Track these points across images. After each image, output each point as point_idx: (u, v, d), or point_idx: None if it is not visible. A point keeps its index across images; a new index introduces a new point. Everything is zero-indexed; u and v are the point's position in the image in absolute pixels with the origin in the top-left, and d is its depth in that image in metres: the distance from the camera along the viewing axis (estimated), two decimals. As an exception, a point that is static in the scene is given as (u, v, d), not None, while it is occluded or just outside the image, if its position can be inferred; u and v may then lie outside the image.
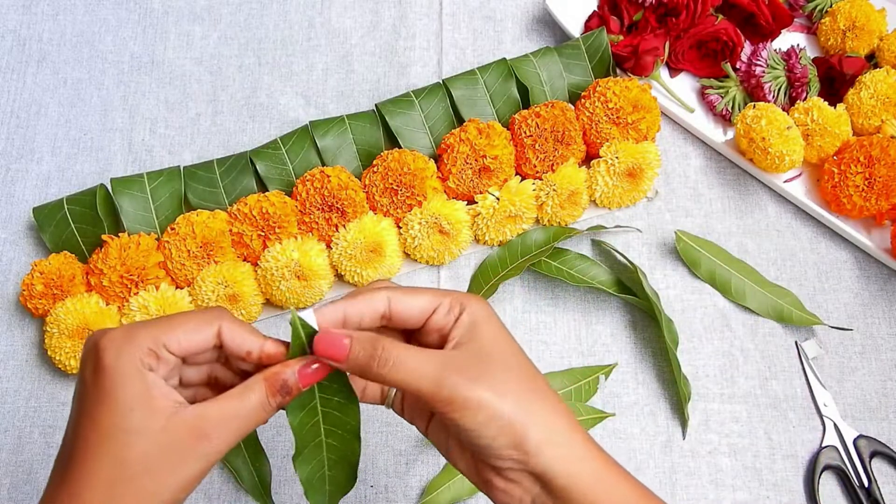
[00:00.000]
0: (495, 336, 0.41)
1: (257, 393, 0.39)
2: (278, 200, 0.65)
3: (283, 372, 0.39)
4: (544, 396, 0.40)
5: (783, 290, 0.67)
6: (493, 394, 0.38)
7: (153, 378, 0.38)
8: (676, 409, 0.64)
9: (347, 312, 0.41)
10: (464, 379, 0.38)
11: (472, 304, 0.41)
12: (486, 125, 0.67)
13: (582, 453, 0.39)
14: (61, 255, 0.65)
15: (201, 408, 0.38)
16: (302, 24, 0.79)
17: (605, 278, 0.67)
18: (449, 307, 0.41)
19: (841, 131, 0.68)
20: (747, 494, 0.61)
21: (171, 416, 0.37)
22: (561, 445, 0.38)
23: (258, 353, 0.40)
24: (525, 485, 0.39)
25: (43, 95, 0.76)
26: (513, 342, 0.42)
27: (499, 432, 0.38)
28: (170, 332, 0.39)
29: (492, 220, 0.67)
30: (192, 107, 0.76)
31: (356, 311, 0.41)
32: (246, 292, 0.64)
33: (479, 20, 0.79)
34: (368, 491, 0.62)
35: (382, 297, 0.41)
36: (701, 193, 0.72)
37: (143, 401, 0.37)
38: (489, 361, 0.39)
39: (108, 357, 0.37)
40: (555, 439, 0.38)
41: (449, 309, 0.41)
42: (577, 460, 0.39)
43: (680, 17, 0.72)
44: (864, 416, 0.64)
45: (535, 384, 0.40)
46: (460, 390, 0.38)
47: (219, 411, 0.38)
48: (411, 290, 0.42)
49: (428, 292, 0.42)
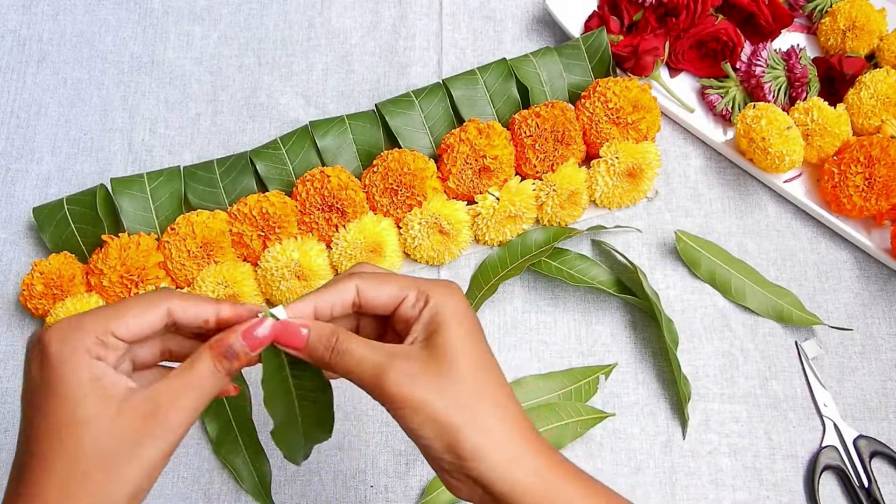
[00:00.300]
0: (453, 333, 0.40)
1: (204, 361, 0.38)
2: (278, 200, 0.65)
3: (228, 337, 0.39)
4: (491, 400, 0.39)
5: (783, 290, 0.67)
6: (433, 395, 0.38)
7: (102, 366, 0.37)
8: (676, 409, 0.64)
9: (318, 304, 0.41)
10: (405, 377, 0.38)
11: (438, 297, 0.41)
12: (486, 125, 0.67)
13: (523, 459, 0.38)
14: (61, 256, 0.65)
15: (152, 388, 0.38)
16: (302, 24, 0.79)
17: (605, 278, 0.67)
18: (415, 299, 0.41)
19: (841, 131, 0.68)
20: (747, 494, 0.61)
21: (123, 400, 0.37)
22: (500, 451, 0.38)
23: (215, 318, 0.40)
24: (468, 486, 0.39)
25: (43, 95, 0.76)
26: (472, 339, 0.40)
27: (435, 435, 0.38)
28: (117, 319, 0.38)
29: (492, 220, 0.67)
30: (192, 107, 0.76)
31: (326, 303, 0.41)
32: (246, 292, 0.64)
33: (479, 20, 0.79)
34: (368, 491, 0.62)
35: (351, 286, 0.41)
36: (701, 193, 0.72)
37: (93, 389, 0.36)
38: (439, 361, 0.39)
39: (52, 348, 0.36)
40: (494, 445, 0.38)
41: (414, 301, 0.41)
42: (517, 466, 0.38)
43: (680, 17, 0.72)
44: (864, 416, 0.64)
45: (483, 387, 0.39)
46: (400, 388, 0.38)
47: (169, 387, 0.38)
48: (382, 277, 0.42)
49: (397, 281, 0.42)
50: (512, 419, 0.39)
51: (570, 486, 0.38)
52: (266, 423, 0.60)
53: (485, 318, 0.67)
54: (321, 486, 0.62)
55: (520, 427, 0.39)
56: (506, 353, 0.66)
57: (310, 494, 0.62)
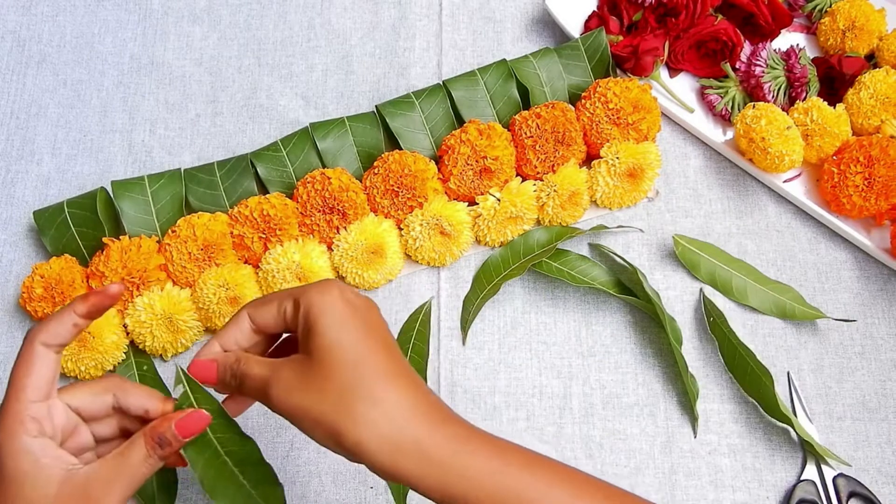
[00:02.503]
0: (325, 329, 0.41)
1: (138, 448, 0.41)
2: (279, 202, 0.65)
3: (161, 425, 0.42)
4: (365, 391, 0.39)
5: (784, 286, 0.67)
6: (313, 400, 0.39)
7: (42, 445, 0.40)
8: (677, 410, 0.64)
9: (221, 342, 0.44)
10: (285, 388, 0.40)
11: (307, 298, 0.42)
12: (487, 126, 0.67)
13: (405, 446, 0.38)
14: (62, 259, 0.65)
15: (90, 469, 0.41)
16: (302, 25, 0.79)
17: (606, 279, 0.67)
18: (291, 309, 0.42)
19: (840, 131, 0.69)
20: (747, 495, 0.62)
21: (62, 482, 0.40)
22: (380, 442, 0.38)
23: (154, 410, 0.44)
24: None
25: (43, 96, 0.76)
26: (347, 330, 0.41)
27: (324, 437, 0.39)
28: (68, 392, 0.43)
29: (493, 221, 0.67)
30: (191, 108, 0.76)
31: (229, 339, 0.44)
32: (247, 294, 0.64)
33: (479, 21, 0.79)
34: (368, 492, 0.62)
35: (243, 315, 0.44)
36: (701, 194, 0.72)
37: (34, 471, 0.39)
38: (315, 363, 0.40)
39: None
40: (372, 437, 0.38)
41: (292, 311, 0.42)
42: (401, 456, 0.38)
43: (679, 17, 0.72)
44: (864, 417, 0.64)
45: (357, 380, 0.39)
46: (282, 400, 0.40)
47: (104, 471, 0.41)
48: (265, 298, 0.44)
49: (277, 297, 0.44)
50: (392, 406, 0.39)
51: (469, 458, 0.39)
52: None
53: (486, 318, 0.67)
54: (321, 486, 0.62)
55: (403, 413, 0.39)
56: (506, 353, 0.66)
57: (310, 495, 0.62)
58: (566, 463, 0.42)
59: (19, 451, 0.39)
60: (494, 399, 0.65)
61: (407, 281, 0.69)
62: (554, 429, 0.64)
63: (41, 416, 0.41)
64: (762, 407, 0.62)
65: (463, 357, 0.66)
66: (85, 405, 0.43)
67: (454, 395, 0.65)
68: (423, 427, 0.39)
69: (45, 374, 0.41)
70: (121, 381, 0.44)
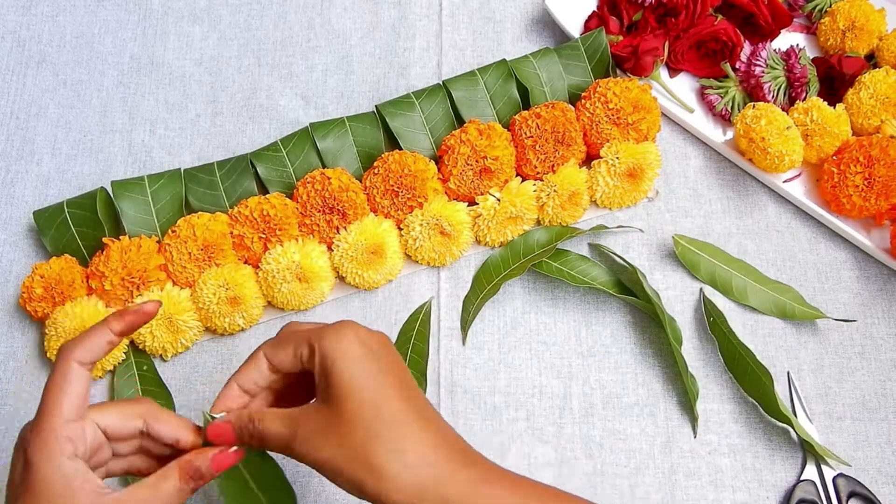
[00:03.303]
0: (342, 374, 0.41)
1: (172, 480, 0.42)
2: (279, 202, 0.65)
3: (196, 459, 0.43)
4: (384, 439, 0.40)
5: (784, 286, 0.67)
6: (334, 450, 0.40)
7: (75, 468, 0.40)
8: (677, 410, 0.64)
9: (239, 383, 0.45)
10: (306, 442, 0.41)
11: (324, 342, 0.42)
12: (487, 126, 0.67)
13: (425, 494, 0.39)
14: (62, 259, 0.65)
15: (120, 496, 0.41)
16: (302, 25, 0.79)
17: (606, 279, 0.67)
18: (307, 353, 0.43)
19: (840, 131, 0.69)
20: (747, 495, 0.62)
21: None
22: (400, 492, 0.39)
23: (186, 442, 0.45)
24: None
25: (42, 96, 0.76)
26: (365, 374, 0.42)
27: (346, 484, 0.40)
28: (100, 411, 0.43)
29: (493, 221, 0.67)
30: (191, 108, 0.76)
31: (247, 380, 0.45)
32: (247, 294, 0.64)
33: (479, 21, 0.79)
34: (370, 492, 0.62)
35: (260, 355, 0.45)
36: (701, 194, 0.72)
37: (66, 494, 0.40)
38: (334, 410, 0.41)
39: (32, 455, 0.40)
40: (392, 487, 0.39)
41: (308, 355, 0.43)
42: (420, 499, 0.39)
43: (679, 18, 0.72)
44: (864, 417, 0.64)
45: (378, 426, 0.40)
46: (305, 455, 0.41)
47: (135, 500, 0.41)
48: (281, 339, 0.45)
49: (293, 339, 0.44)
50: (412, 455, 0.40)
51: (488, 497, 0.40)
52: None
53: (486, 318, 0.67)
54: (321, 486, 0.62)
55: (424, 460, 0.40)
56: (506, 353, 0.66)
57: (310, 495, 0.62)
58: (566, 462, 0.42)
59: (55, 473, 0.40)
60: (494, 399, 0.65)
61: (407, 281, 0.69)
62: (554, 429, 0.64)
63: (76, 437, 0.41)
64: (762, 407, 0.62)
65: (463, 357, 0.66)
66: (113, 425, 0.43)
67: (454, 395, 0.65)
68: (444, 472, 0.40)
69: (80, 391, 0.42)
70: (153, 407, 0.45)
